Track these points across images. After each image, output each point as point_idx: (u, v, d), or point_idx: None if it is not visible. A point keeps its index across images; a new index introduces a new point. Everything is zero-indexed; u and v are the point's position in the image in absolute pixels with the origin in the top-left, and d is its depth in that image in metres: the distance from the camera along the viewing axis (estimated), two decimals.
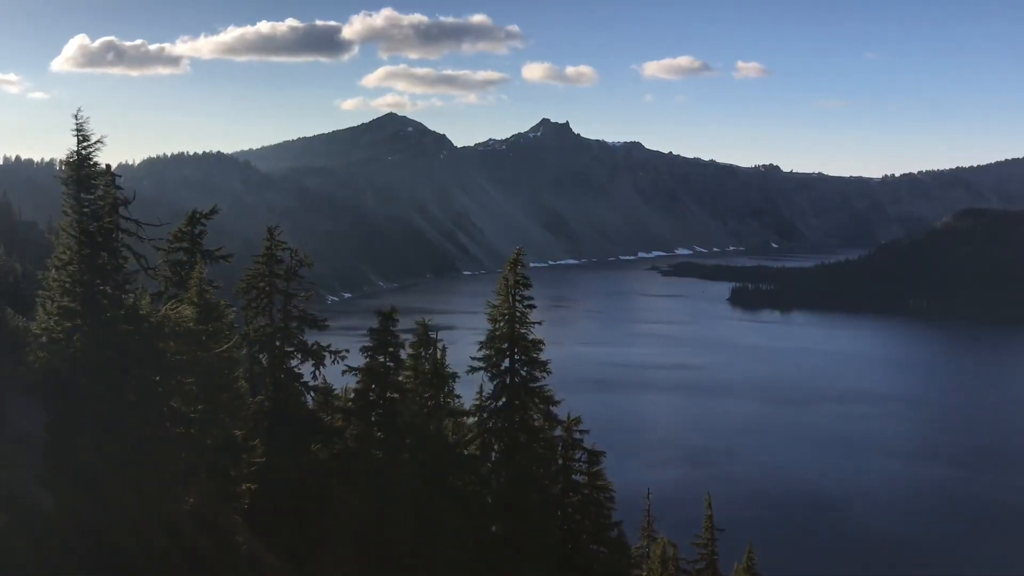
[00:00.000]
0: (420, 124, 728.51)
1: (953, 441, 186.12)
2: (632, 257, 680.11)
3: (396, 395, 33.89)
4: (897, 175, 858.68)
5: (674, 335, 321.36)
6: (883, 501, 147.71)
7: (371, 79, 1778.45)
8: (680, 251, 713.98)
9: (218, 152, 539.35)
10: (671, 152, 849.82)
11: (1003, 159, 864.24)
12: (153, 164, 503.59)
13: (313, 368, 34.54)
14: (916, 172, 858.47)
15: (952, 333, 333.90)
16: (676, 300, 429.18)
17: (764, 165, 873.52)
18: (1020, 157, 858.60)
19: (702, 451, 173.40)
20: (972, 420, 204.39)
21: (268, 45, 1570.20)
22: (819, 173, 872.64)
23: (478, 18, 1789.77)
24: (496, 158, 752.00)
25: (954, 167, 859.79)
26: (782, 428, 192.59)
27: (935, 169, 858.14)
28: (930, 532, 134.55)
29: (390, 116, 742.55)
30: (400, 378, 34.18)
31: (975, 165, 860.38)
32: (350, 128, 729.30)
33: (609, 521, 36.36)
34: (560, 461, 35.86)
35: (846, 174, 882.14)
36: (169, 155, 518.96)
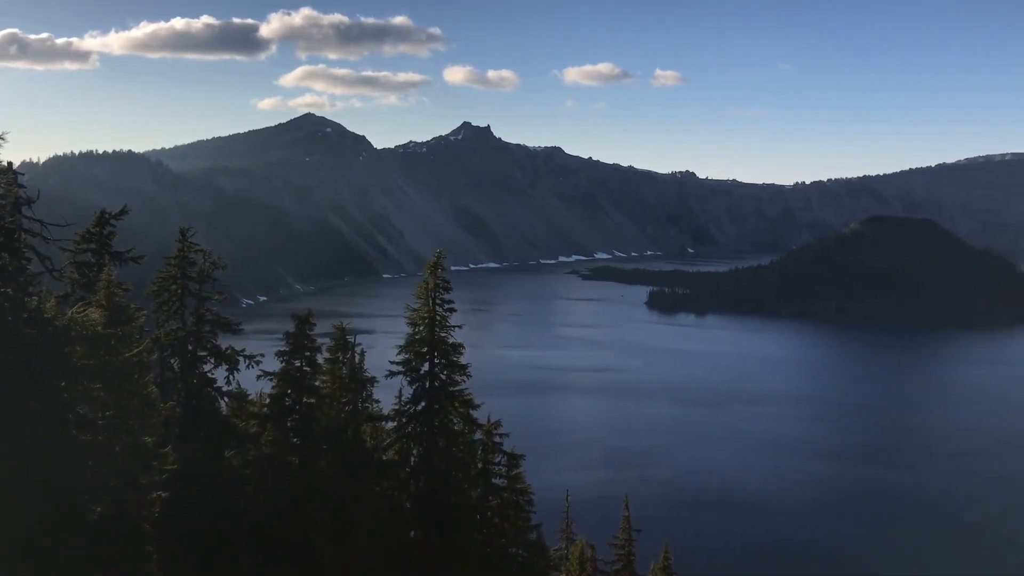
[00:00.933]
0: (339, 125, 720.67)
1: (861, 440, 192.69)
2: (553, 261, 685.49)
3: (313, 400, 33.39)
4: (807, 183, 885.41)
5: (594, 338, 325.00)
6: (795, 499, 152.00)
7: (289, 79, 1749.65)
8: (599, 255, 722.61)
9: (129, 151, 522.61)
10: (591, 157, 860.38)
11: (907, 168, 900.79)
12: (60, 162, 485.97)
13: (227, 373, 33.71)
14: (825, 180, 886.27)
15: (859, 336, 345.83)
16: (595, 304, 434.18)
17: (681, 171, 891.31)
18: (922, 167, 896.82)
19: (621, 453, 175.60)
20: (879, 420, 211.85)
21: (182, 42, 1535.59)
22: (733, 180, 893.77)
23: (399, 20, 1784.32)
24: (417, 160, 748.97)
25: (861, 175, 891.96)
26: (698, 429, 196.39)
27: (843, 177, 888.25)
28: (839, 528, 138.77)
29: (308, 116, 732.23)
30: (317, 383, 33.70)
31: (880, 174, 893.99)
32: (267, 128, 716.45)
33: (528, 524, 36.48)
34: (480, 465, 35.84)
35: (759, 181, 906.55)
36: (77, 153, 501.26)
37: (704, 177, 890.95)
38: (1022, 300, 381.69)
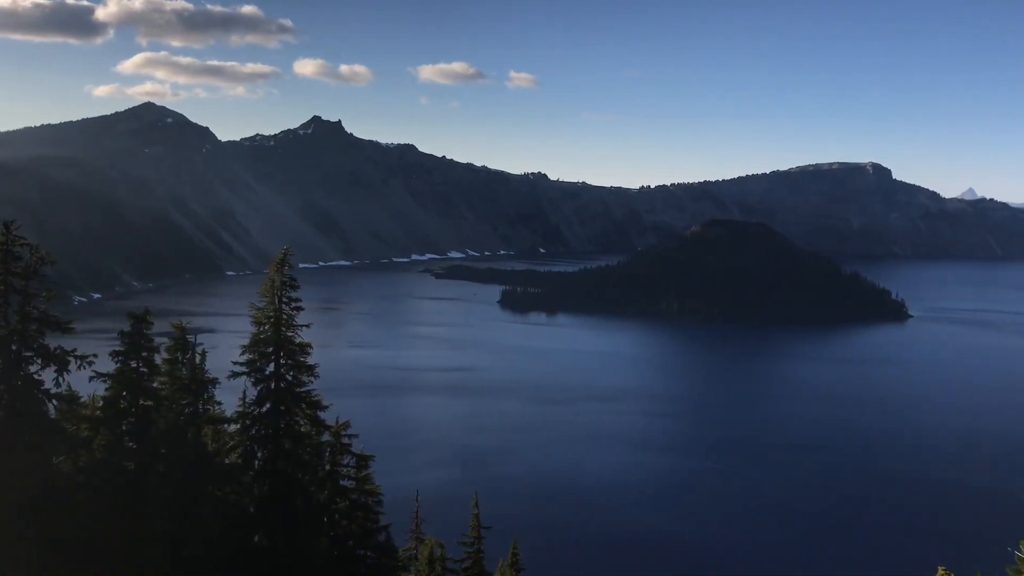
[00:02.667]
0: (181, 115, 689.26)
1: (703, 434, 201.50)
2: (405, 259, 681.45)
3: (150, 403, 31.86)
4: (653, 187, 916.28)
5: (447, 337, 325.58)
6: (641, 492, 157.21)
7: (128, 65, 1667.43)
8: (453, 254, 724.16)
9: None
10: (445, 156, 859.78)
11: (744, 175, 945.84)
12: None
13: (56, 374, 31.65)
14: (669, 184, 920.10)
15: (699, 333, 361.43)
16: (449, 303, 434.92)
17: (533, 173, 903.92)
18: (758, 173, 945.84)
19: (472, 451, 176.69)
20: (719, 414, 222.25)
21: (9, 22, 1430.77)
22: (583, 183, 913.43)
23: (248, 9, 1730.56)
24: (264, 154, 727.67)
25: (702, 181, 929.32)
26: (549, 426, 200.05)
27: (686, 182, 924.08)
28: (682, 519, 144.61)
29: (147, 105, 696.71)
30: (155, 384, 32.18)
31: (720, 179, 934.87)
32: (102, 116, 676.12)
33: (377, 525, 36.10)
34: (327, 467, 35.16)
35: (608, 184, 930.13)
36: None
37: (556, 179, 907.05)
38: (846, 300, 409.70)
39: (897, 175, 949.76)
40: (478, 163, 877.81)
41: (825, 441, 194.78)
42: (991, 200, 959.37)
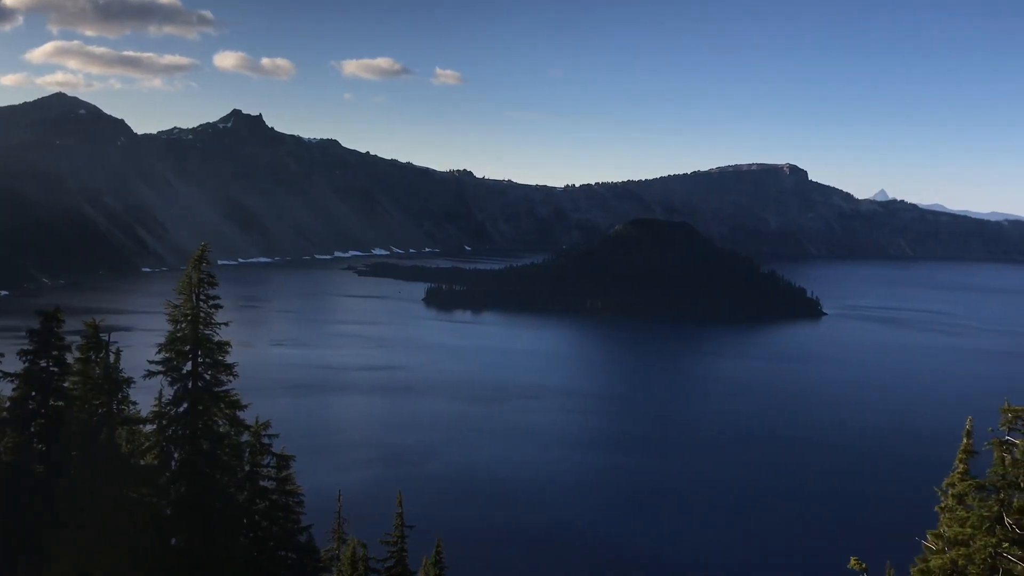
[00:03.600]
0: (95, 107, 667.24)
1: (628, 430, 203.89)
2: (328, 256, 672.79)
3: (61, 403, 30.91)
4: (577, 186, 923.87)
5: (371, 335, 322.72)
6: (566, 488, 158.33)
7: (37, 54, 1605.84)
8: (377, 251, 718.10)
9: None
10: (369, 152, 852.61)
11: (667, 175, 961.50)
12: None
13: None
14: (594, 183, 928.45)
15: (622, 330, 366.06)
16: (373, 300, 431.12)
17: (459, 170, 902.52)
18: (680, 173, 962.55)
19: (397, 450, 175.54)
20: (643, 410, 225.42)
21: None
22: (509, 180, 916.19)
23: None
24: (182, 148, 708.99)
25: (625, 180, 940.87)
26: (475, 424, 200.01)
27: (609, 181, 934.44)
28: (607, 514, 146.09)
29: (59, 96, 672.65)
30: (66, 384, 31.21)
31: (643, 179, 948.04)
32: (10, 107, 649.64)
33: (298, 526, 35.74)
34: (247, 467, 34.65)
35: (533, 182, 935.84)
36: None
37: (481, 176, 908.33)
38: (764, 297, 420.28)
39: (813, 176, 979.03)
40: (403, 159, 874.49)
41: (744, 436, 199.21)
42: (901, 201, 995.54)
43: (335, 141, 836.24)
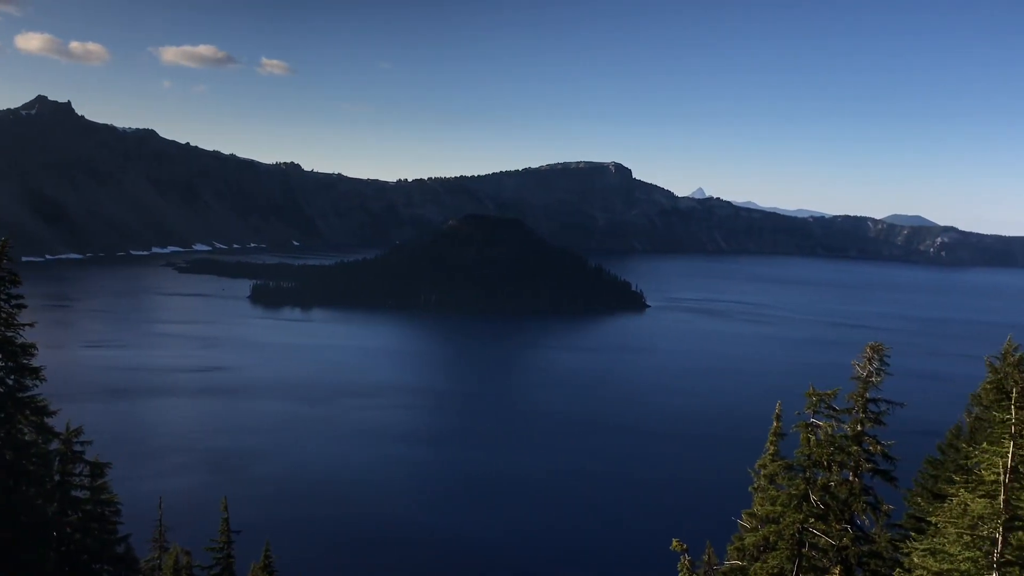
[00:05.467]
0: None
1: (460, 424, 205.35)
2: (146, 252, 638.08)
3: None
4: (410, 180, 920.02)
5: (194, 335, 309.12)
6: (401, 487, 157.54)
7: None
8: (199, 247, 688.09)
9: None
10: (189, 143, 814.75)
11: (499, 171, 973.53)
12: None
13: None
14: (427, 178, 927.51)
15: (456, 326, 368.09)
16: (195, 298, 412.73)
17: (286, 163, 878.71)
18: (512, 170, 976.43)
19: (223, 454, 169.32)
20: (477, 405, 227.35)
21: None
22: (339, 174, 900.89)
23: None
24: None
25: (459, 176, 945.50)
26: (306, 425, 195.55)
27: (442, 176, 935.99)
28: (444, 511, 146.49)
29: None
30: None
31: (475, 175, 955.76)
32: None
33: (115, 536, 33.72)
34: (57, 477, 32.35)
35: (364, 176, 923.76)
36: None
37: (310, 170, 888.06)
38: (592, 291, 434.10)
39: (637, 175, 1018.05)
40: (226, 151, 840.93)
41: (575, 425, 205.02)
42: (717, 199, 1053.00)
43: (152, 131, 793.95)
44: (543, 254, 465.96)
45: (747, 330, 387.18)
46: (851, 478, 31.78)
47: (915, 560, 21.45)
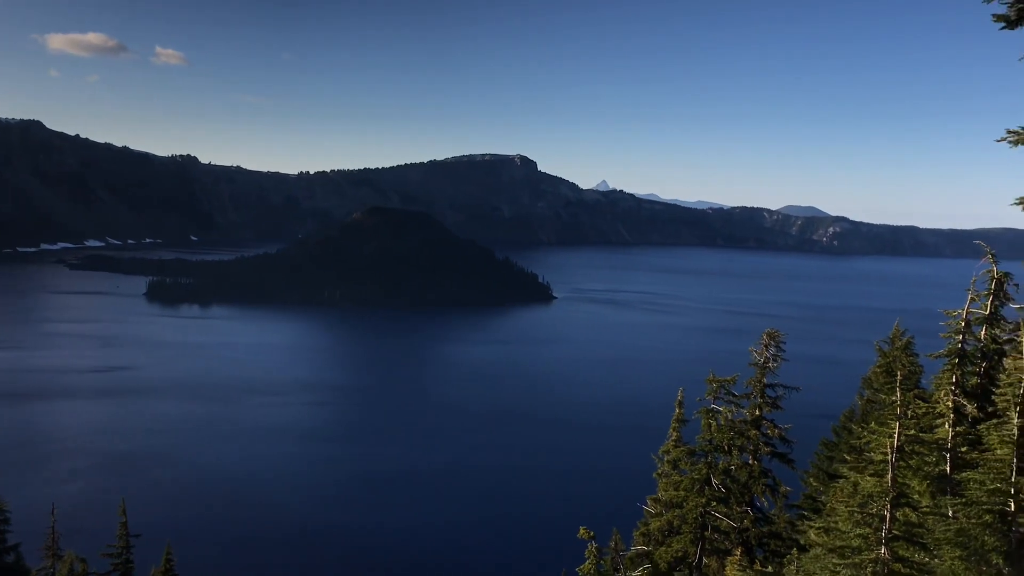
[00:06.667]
0: None
1: (365, 420, 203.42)
2: (33, 249, 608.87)
3: None
4: (312, 172, 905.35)
5: (88, 334, 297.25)
6: (306, 485, 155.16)
7: None
8: (91, 243, 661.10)
9: None
10: (79, 135, 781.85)
11: (403, 163, 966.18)
12: None
13: None
14: (329, 171, 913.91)
15: (362, 320, 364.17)
16: (88, 296, 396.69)
17: (182, 155, 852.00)
18: (417, 162, 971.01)
19: (122, 457, 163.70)
20: (381, 399, 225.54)
21: None
22: (238, 167, 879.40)
23: None
24: None
25: (362, 168, 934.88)
26: (208, 425, 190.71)
27: (345, 169, 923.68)
28: (346, 505, 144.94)
29: None
30: None
31: (380, 167, 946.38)
32: None
33: (4, 545, 32.25)
34: None
35: (264, 169, 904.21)
36: None
37: (207, 162, 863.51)
38: (500, 283, 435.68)
39: (542, 167, 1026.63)
40: (119, 143, 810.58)
41: (484, 417, 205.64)
42: (621, 191, 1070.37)
43: (38, 122, 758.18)
44: (450, 246, 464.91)
45: (651, 320, 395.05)
46: (751, 461, 32.81)
47: (811, 537, 22.32)
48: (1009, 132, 8.91)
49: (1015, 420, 16.40)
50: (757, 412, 32.39)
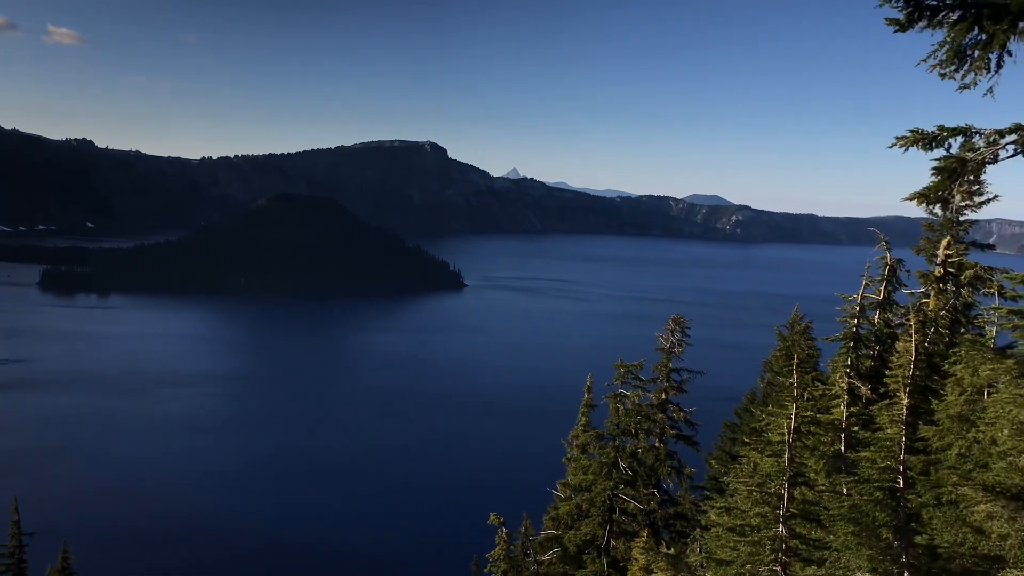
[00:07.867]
0: None
1: (272, 411, 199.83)
2: None
3: None
4: (215, 158, 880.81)
5: None
6: (212, 476, 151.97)
7: None
8: None
9: None
10: None
11: (311, 148, 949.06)
12: None
13: None
14: (232, 156, 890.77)
15: (267, 309, 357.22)
16: None
17: (77, 139, 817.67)
18: (324, 148, 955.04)
19: (15, 454, 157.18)
20: (290, 389, 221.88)
21: None
22: (137, 151, 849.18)
23: None
24: None
25: (268, 153, 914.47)
26: (109, 419, 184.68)
27: (250, 154, 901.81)
28: (257, 497, 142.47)
29: None
30: None
31: (286, 152, 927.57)
32: None
33: None
34: None
35: (165, 154, 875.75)
36: None
37: (104, 146, 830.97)
38: (410, 271, 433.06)
39: (452, 155, 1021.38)
40: (7, 125, 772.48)
41: (393, 407, 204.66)
42: (531, 179, 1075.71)
43: None
44: (358, 234, 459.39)
45: (562, 307, 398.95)
46: (657, 444, 33.53)
47: (712, 517, 22.94)
48: (898, 139, 9.25)
49: (904, 400, 17.16)
50: (663, 396, 33.09)
